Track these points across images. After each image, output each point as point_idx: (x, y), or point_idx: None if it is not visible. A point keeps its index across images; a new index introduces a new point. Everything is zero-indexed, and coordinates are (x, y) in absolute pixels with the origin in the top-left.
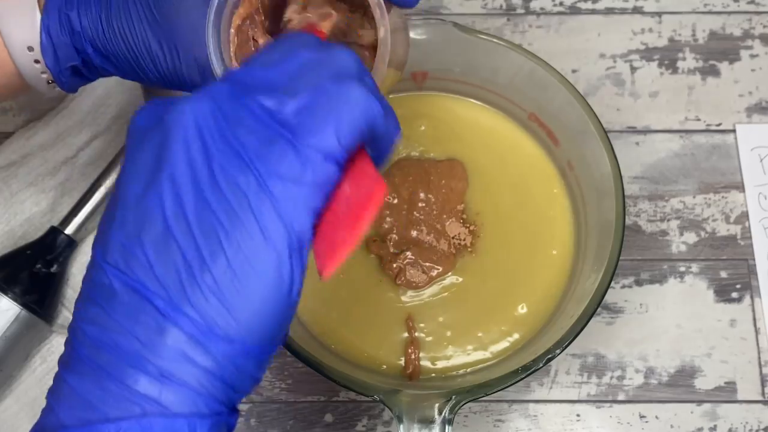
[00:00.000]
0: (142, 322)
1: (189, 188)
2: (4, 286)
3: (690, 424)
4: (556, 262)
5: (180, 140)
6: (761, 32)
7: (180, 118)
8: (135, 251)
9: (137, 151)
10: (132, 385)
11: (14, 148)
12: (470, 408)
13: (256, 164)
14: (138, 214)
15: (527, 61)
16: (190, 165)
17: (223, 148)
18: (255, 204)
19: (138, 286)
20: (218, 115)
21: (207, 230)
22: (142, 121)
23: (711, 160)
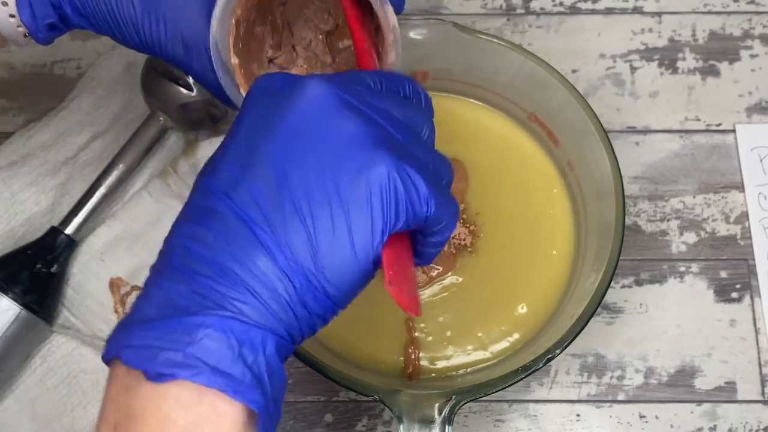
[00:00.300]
0: (243, 247)
1: (304, 148)
2: (4, 286)
3: (690, 424)
4: (556, 262)
5: (304, 105)
6: (761, 32)
7: (307, 89)
8: (247, 186)
9: (259, 103)
10: (221, 290)
11: (14, 148)
12: (470, 408)
13: (372, 155)
14: (252, 154)
15: (527, 61)
16: (308, 129)
17: (341, 130)
18: (362, 190)
19: (245, 216)
20: (341, 106)
21: (320, 188)
22: (266, 85)
23: (711, 160)
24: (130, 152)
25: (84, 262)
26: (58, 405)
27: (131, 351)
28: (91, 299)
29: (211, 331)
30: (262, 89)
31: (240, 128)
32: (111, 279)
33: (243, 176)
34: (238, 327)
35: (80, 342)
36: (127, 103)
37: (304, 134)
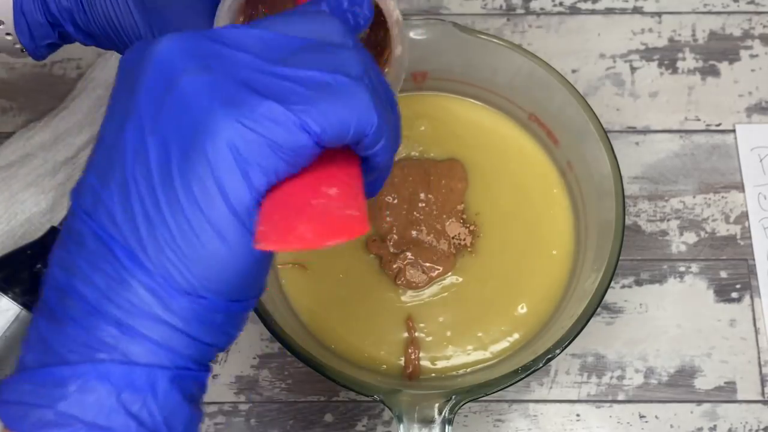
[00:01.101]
0: (104, 271)
1: (151, 129)
2: (4, 286)
3: (690, 424)
4: (556, 262)
5: (150, 76)
6: (761, 32)
7: (155, 55)
8: (102, 196)
9: (117, 91)
10: (92, 331)
11: (14, 149)
12: (470, 408)
13: (224, 108)
14: (109, 157)
15: (527, 61)
16: (154, 103)
17: (187, 87)
18: (210, 149)
19: (101, 233)
20: (196, 56)
21: (164, 176)
22: (128, 62)
23: (711, 160)
24: None
25: None
26: None
27: (6, 408)
28: None
29: (82, 381)
30: (122, 68)
31: (103, 123)
32: None
33: (100, 185)
34: (117, 371)
35: None
36: None
37: (146, 111)
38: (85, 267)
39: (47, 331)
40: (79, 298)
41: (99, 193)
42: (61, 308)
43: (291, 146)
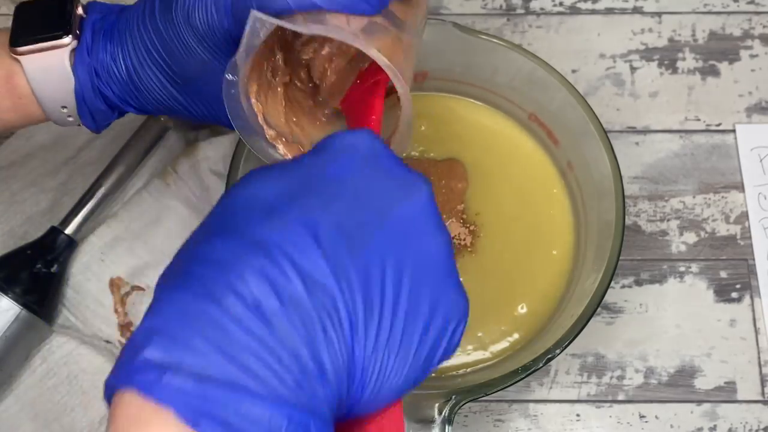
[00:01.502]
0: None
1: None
2: (5, 286)
3: (690, 424)
4: (556, 262)
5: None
6: (761, 32)
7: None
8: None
9: (362, 190)
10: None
11: (14, 148)
12: (470, 408)
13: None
14: (354, 243)
15: (527, 61)
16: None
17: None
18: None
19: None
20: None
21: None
22: (378, 162)
23: (711, 160)
24: (130, 152)
25: (84, 262)
26: (58, 405)
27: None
28: (91, 299)
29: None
30: (371, 155)
31: (350, 189)
32: (111, 279)
33: (348, 249)
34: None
35: (80, 342)
36: None
37: (409, 238)
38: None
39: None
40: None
41: (345, 258)
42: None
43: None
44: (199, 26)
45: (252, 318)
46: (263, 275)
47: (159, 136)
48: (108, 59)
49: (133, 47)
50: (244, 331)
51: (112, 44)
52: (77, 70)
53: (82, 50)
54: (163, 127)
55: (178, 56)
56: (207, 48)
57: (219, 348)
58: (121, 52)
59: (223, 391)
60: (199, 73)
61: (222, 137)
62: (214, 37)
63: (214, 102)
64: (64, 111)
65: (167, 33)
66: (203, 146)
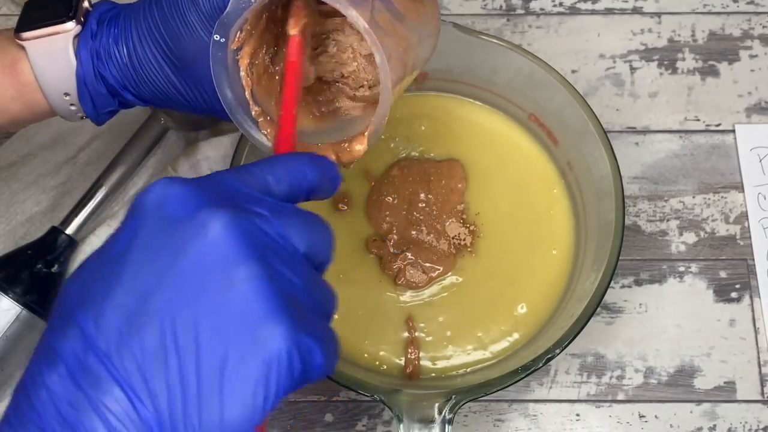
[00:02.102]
0: (115, 414)
1: (205, 305)
2: (5, 286)
3: (689, 424)
4: (556, 262)
5: (201, 256)
6: (761, 32)
7: (209, 230)
8: (134, 349)
9: (156, 233)
10: None
11: (14, 148)
12: (470, 408)
13: (280, 318)
14: (141, 311)
15: (527, 61)
16: (211, 288)
17: (247, 286)
18: (262, 361)
19: (127, 388)
20: (248, 244)
21: (208, 360)
22: (166, 205)
23: (710, 160)
24: (131, 152)
25: None
26: None
27: None
28: None
29: None
30: (157, 211)
31: (130, 261)
32: None
33: (128, 334)
34: None
35: None
36: None
37: (198, 289)
38: (101, 408)
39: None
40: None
41: (126, 341)
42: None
43: (310, 378)
44: (202, 4)
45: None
46: (55, 397)
47: (159, 136)
48: (110, 41)
49: (136, 29)
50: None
51: (117, 28)
52: (80, 53)
53: (87, 34)
54: (163, 127)
55: (180, 38)
56: (208, 28)
57: None
58: (123, 34)
59: None
60: (199, 55)
61: (222, 137)
62: (217, 16)
63: (210, 88)
64: (66, 99)
65: (171, 14)
66: (203, 146)
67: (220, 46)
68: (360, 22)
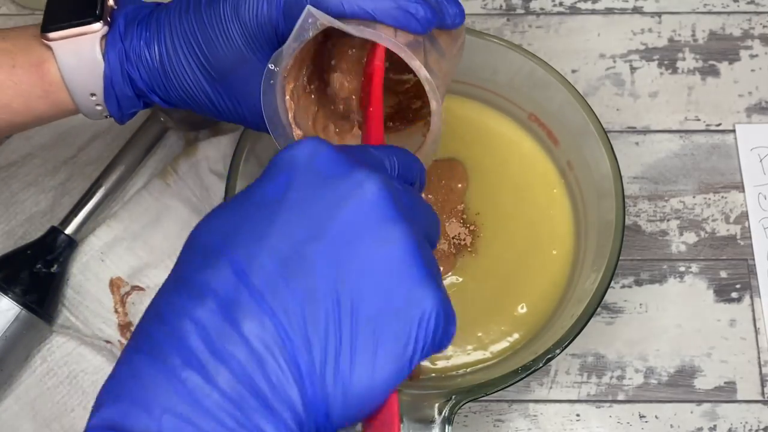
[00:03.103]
0: (274, 371)
1: (361, 262)
2: (5, 286)
3: (690, 424)
4: (556, 262)
5: (365, 209)
6: (761, 32)
7: (365, 190)
8: (289, 294)
9: (309, 187)
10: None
11: (14, 148)
12: (470, 408)
13: (427, 282)
14: (297, 260)
15: (527, 61)
16: (367, 241)
17: (398, 247)
18: (412, 319)
19: (281, 331)
20: (394, 206)
21: (364, 314)
22: (318, 163)
23: (711, 160)
24: (130, 152)
25: (84, 262)
26: (58, 405)
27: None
28: (91, 299)
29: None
30: (307, 164)
31: (285, 209)
32: (111, 279)
33: (283, 277)
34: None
35: (80, 342)
36: None
37: (355, 244)
38: (250, 357)
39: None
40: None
41: (281, 286)
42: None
43: (442, 345)
44: (247, 20)
45: (195, 376)
46: (201, 328)
47: (159, 136)
48: (141, 44)
49: (171, 35)
50: (188, 392)
51: (149, 31)
52: (108, 54)
53: (115, 35)
54: (163, 127)
55: (218, 49)
56: (250, 43)
57: (167, 409)
58: (156, 38)
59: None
60: (236, 68)
61: (222, 137)
62: (261, 32)
63: (242, 99)
64: (92, 99)
65: (210, 25)
66: (203, 146)
67: (273, 75)
68: (423, 72)
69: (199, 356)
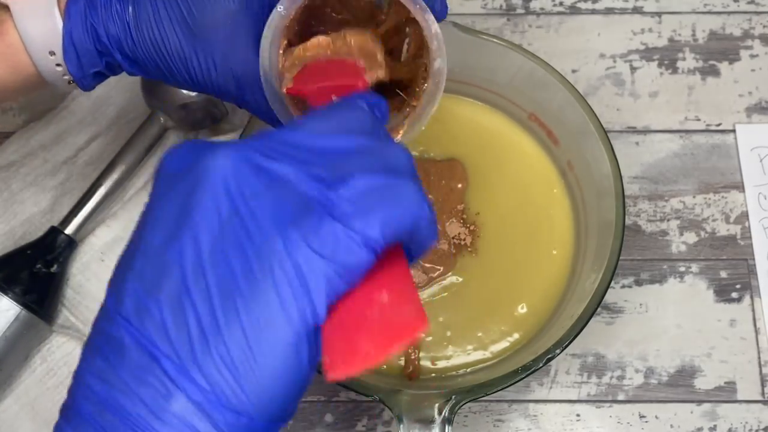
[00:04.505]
0: (150, 384)
1: (211, 247)
2: (4, 286)
3: (690, 424)
4: (556, 262)
5: (208, 195)
6: (761, 32)
7: (211, 171)
8: (150, 306)
9: (162, 199)
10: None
11: (14, 148)
12: (470, 408)
13: (288, 230)
14: (156, 267)
15: (527, 61)
16: (216, 222)
17: (253, 209)
18: (278, 272)
19: (148, 345)
20: (255, 173)
21: (225, 295)
22: (171, 167)
23: (711, 160)
24: (130, 152)
25: (84, 262)
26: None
27: None
28: (91, 299)
29: None
30: (165, 173)
31: (144, 226)
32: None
33: (145, 293)
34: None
35: (80, 342)
36: (127, 103)
37: (205, 226)
38: (129, 379)
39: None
40: (119, 414)
41: (145, 303)
42: (98, 423)
43: (353, 265)
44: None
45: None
46: (94, 378)
47: (158, 136)
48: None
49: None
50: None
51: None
52: (70, 5)
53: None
54: (163, 127)
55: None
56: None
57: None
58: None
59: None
60: (220, 23)
61: (222, 137)
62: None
63: (219, 61)
64: (52, 58)
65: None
66: None
67: (281, 17)
68: (435, 26)
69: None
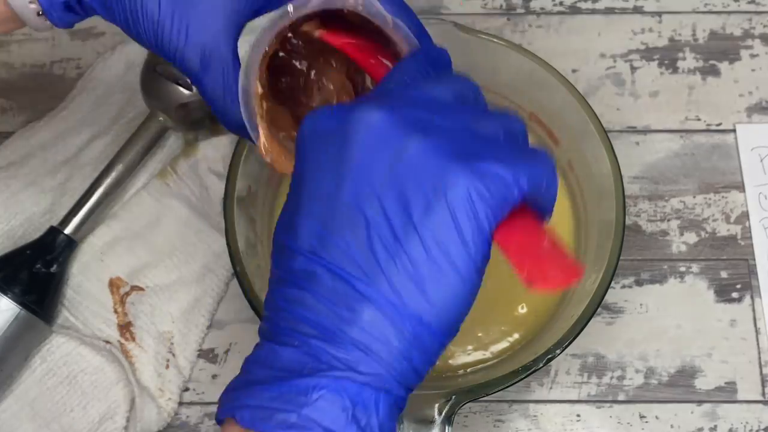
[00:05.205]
0: (346, 304)
1: (382, 185)
2: (4, 286)
3: (690, 424)
4: None
5: (371, 145)
6: (761, 32)
7: (371, 126)
8: (334, 240)
9: (319, 151)
10: (332, 351)
11: (14, 148)
12: (470, 408)
13: (451, 164)
14: (332, 207)
15: (527, 61)
16: (381, 165)
17: (415, 149)
18: (453, 197)
19: (340, 272)
20: (407, 122)
21: (407, 224)
22: (320, 126)
23: (711, 160)
24: (130, 152)
25: (84, 262)
26: (58, 405)
27: (247, 411)
28: (91, 299)
29: (324, 392)
30: (313, 133)
31: (305, 179)
32: (111, 279)
33: (326, 230)
34: (351, 388)
35: (80, 342)
36: (127, 103)
37: (374, 169)
38: (324, 301)
39: (282, 354)
40: (318, 327)
41: (326, 237)
42: (296, 335)
43: (507, 199)
44: None
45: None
46: (284, 302)
47: (158, 136)
48: None
49: None
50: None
51: None
52: None
53: None
54: (162, 127)
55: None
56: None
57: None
58: None
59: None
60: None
61: (222, 137)
62: None
63: (193, 30)
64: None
65: None
66: (203, 146)
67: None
68: (389, 17)
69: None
